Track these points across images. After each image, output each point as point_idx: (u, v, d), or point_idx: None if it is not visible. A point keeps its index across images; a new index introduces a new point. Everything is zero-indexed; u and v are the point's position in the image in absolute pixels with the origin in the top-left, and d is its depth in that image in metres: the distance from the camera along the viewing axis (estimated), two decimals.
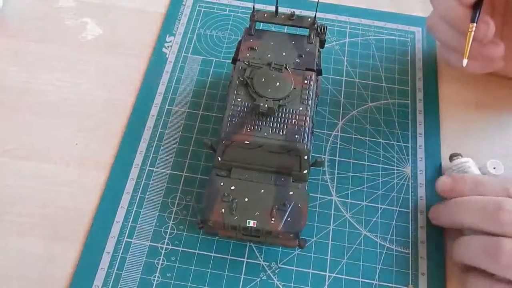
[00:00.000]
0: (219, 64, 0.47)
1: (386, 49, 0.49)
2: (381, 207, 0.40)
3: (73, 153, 0.42)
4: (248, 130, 0.35)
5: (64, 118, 0.44)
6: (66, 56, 0.48)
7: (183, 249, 0.38)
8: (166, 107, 0.45)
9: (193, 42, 0.49)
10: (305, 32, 0.40)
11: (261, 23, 0.41)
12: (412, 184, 0.41)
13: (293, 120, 0.35)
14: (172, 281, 0.36)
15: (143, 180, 0.41)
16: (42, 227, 0.38)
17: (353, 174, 0.41)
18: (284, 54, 0.38)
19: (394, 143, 0.43)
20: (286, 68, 0.37)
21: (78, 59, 0.47)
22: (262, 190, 0.34)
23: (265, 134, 0.35)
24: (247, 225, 0.33)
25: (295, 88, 0.36)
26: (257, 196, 0.34)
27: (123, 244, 0.38)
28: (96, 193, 0.40)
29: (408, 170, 0.42)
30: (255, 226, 0.33)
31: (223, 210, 0.33)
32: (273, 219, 0.33)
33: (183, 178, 0.41)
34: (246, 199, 0.34)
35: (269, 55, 0.38)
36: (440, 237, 0.39)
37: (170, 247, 0.38)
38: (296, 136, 0.34)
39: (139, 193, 0.40)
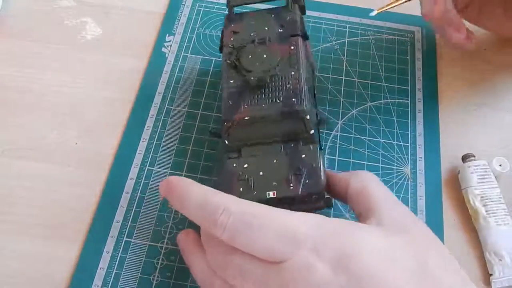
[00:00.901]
0: (218, 63, 0.47)
1: (385, 48, 0.49)
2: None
3: (73, 153, 0.42)
4: (246, 106, 0.35)
5: (63, 118, 0.44)
6: (65, 56, 0.48)
7: None
8: (166, 106, 0.45)
9: (192, 42, 0.49)
10: (283, 4, 0.40)
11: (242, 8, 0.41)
12: (412, 184, 0.41)
13: (287, 86, 0.35)
14: (172, 281, 0.36)
15: (143, 179, 0.41)
16: (42, 227, 0.38)
17: None
18: (266, 28, 0.39)
19: (393, 142, 0.43)
20: (270, 40, 0.37)
21: (78, 59, 0.47)
22: (275, 161, 0.34)
23: (263, 106, 0.35)
24: (267, 197, 0.32)
25: (283, 57, 0.36)
26: (271, 168, 0.34)
27: (123, 243, 0.38)
28: (96, 193, 0.40)
29: (407, 170, 0.42)
30: (275, 196, 0.32)
31: (241, 189, 0.33)
32: (291, 185, 0.33)
33: None
34: (261, 173, 0.34)
35: (252, 34, 0.38)
36: (440, 237, 0.39)
37: (169, 246, 0.38)
38: (294, 99, 0.34)
39: (139, 193, 0.40)
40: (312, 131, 0.34)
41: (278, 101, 0.35)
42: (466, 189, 0.40)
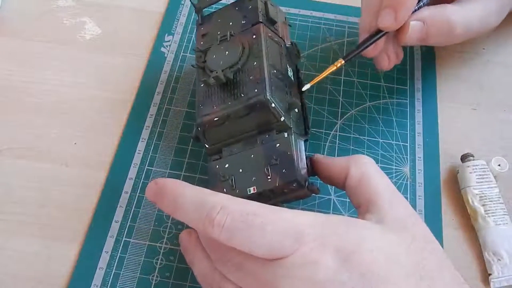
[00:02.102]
0: None
1: None
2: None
3: (72, 152, 0.42)
4: (215, 107, 0.35)
5: (62, 118, 0.44)
6: (64, 56, 0.48)
7: None
8: (165, 106, 0.45)
9: (191, 42, 0.49)
10: None
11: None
12: (411, 184, 0.41)
13: (251, 77, 0.34)
14: (171, 281, 0.36)
15: (142, 179, 0.41)
16: (41, 227, 0.38)
17: None
18: (230, 23, 0.38)
19: (392, 142, 0.43)
20: (232, 35, 0.37)
21: (77, 59, 0.47)
22: (252, 155, 0.34)
23: (229, 103, 0.34)
24: (248, 193, 0.32)
25: (244, 48, 0.36)
26: (249, 163, 0.33)
27: (122, 243, 0.38)
28: (95, 193, 0.40)
29: (407, 170, 0.42)
30: (255, 191, 0.32)
31: (224, 189, 0.33)
32: (269, 177, 0.32)
33: (182, 178, 0.41)
34: (241, 170, 0.33)
35: (218, 33, 0.38)
36: (439, 237, 0.39)
37: (169, 246, 0.38)
38: (256, 90, 0.34)
39: (138, 192, 0.40)
40: (282, 118, 0.33)
41: (242, 95, 0.34)
42: (465, 189, 0.40)
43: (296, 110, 0.36)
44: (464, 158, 0.41)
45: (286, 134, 0.33)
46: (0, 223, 0.39)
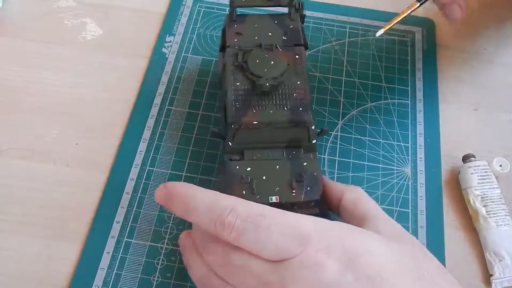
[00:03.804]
0: None
1: (386, 49, 0.49)
2: (380, 207, 0.40)
3: (73, 153, 0.42)
4: (254, 111, 0.35)
5: (64, 118, 0.44)
6: (65, 56, 0.48)
7: None
8: (166, 107, 0.45)
9: (193, 42, 0.49)
10: (284, 10, 0.40)
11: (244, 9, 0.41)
12: (412, 184, 0.41)
13: (294, 94, 0.36)
14: (172, 281, 0.36)
15: (143, 180, 0.40)
16: (42, 227, 0.38)
17: (353, 174, 0.41)
18: (270, 34, 0.39)
19: (394, 143, 0.43)
20: (277, 47, 0.37)
21: (78, 59, 0.47)
22: (277, 166, 0.35)
23: (271, 111, 0.35)
24: (270, 201, 0.33)
25: (289, 64, 0.37)
26: (273, 173, 0.34)
27: (123, 244, 0.38)
28: (96, 193, 0.40)
29: (408, 170, 0.42)
30: (277, 201, 0.33)
31: (244, 191, 0.33)
32: (293, 191, 0.33)
33: (183, 178, 0.41)
34: (264, 177, 0.34)
35: (256, 37, 0.38)
36: (440, 238, 0.39)
37: (170, 247, 0.38)
38: (301, 108, 0.35)
39: (139, 193, 0.40)
40: (314, 141, 0.35)
41: (286, 108, 0.35)
42: (467, 190, 0.40)
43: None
44: (466, 158, 0.41)
45: (312, 155, 0.36)
46: (0, 223, 0.38)
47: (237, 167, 0.34)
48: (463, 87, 0.47)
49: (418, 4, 0.39)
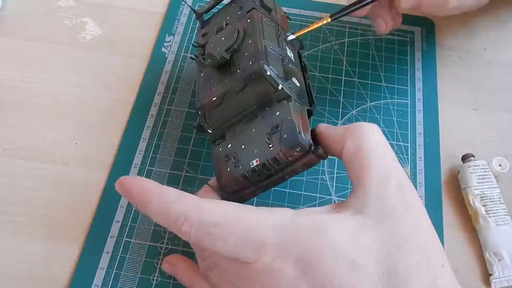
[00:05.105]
0: None
1: (385, 48, 0.49)
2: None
3: (73, 153, 0.42)
4: (213, 89, 0.35)
5: (64, 118, 0.44)
6: (65, 56, 0.48)
7: (182, 248, 0.38)
8: (166, 106, 0.45)
9: (192, 42, 0.49)
10: None
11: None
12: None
13: (246, 53, 0.34)
14: (172, 281, 0.36)
15: None
16: (42, 227, 0.38)
17: None
18: (228, 18, 0.38)
19: (393, 142, 0.43)
20: (227, 23, 0.37)
21: (78, 59, 0.47)
22: (253, 129, 0.33)
23: (226, 81, 0.34)
24: (251, 166, 0.31)
25: (239, 31, 0.35)
26: (251, 138, 0.33)
27: (123, 243, 0.38)
28: (96, 193, 0.40)
29: (407, 170, 0.42)
30: (258, 162, 0.31)
31: (228, 169, 0.33)
32: (270, 145, 0.31)
33: (182, 178, 0.41)
34: (243, 147, 0.33)
35: (217, 28, 0.38)
36: (440, 237, 0.39)
37: (169, 246, 0.38)
38: (251, 62, 0.33)
39: None
40: (280, 86, 0.33)
41: (238, 71, 0.34)
42: (466, 189, 0.40)
43: (298, 84, 0.35)
44: (465, 158, 0.41)
45: (285, 102, 0.33)
46: (0, 223, 0.39)
47: (220, 148, 0.34)
48: (463, 86, 0.47)
49: (330, 19, 0.40)
